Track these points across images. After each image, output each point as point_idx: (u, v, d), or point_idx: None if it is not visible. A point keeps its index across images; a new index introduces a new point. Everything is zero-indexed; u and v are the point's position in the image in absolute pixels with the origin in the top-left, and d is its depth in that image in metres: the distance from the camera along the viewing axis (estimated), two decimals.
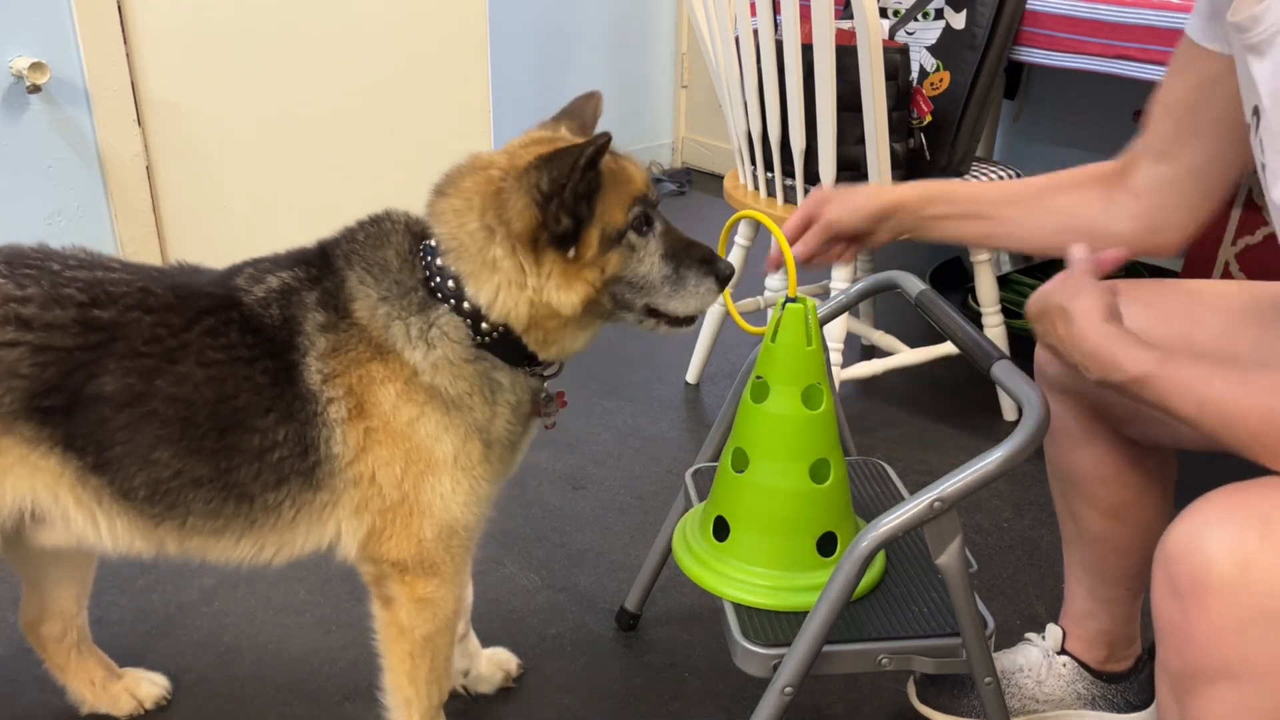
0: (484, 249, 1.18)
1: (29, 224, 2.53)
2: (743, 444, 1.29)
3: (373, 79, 2.85)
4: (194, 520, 1.24)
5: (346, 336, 1.20)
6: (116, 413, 1.17)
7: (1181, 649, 0.93)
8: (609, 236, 1.19)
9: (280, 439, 1.20)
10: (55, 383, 1.15)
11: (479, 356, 1.22)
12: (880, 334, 2.43)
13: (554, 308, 1.19)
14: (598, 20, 4.00)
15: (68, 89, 2.47)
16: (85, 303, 1.18)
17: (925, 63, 2.29)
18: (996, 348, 1.25)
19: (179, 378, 1.18)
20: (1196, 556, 0.90)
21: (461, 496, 1.26)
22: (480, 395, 1.24)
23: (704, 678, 1.68)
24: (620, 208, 1.19)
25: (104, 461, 1.18)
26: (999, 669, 1.52)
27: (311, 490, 1.23)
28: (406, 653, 1.33)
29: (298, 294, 1.22)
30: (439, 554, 1.28)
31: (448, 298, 1.20)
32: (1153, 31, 1.94)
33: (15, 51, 2.39)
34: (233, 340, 1.19)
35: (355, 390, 1.21)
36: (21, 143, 2.50)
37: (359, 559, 1.30)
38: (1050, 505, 2.09)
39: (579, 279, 1.19)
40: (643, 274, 1.21)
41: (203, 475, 1.20)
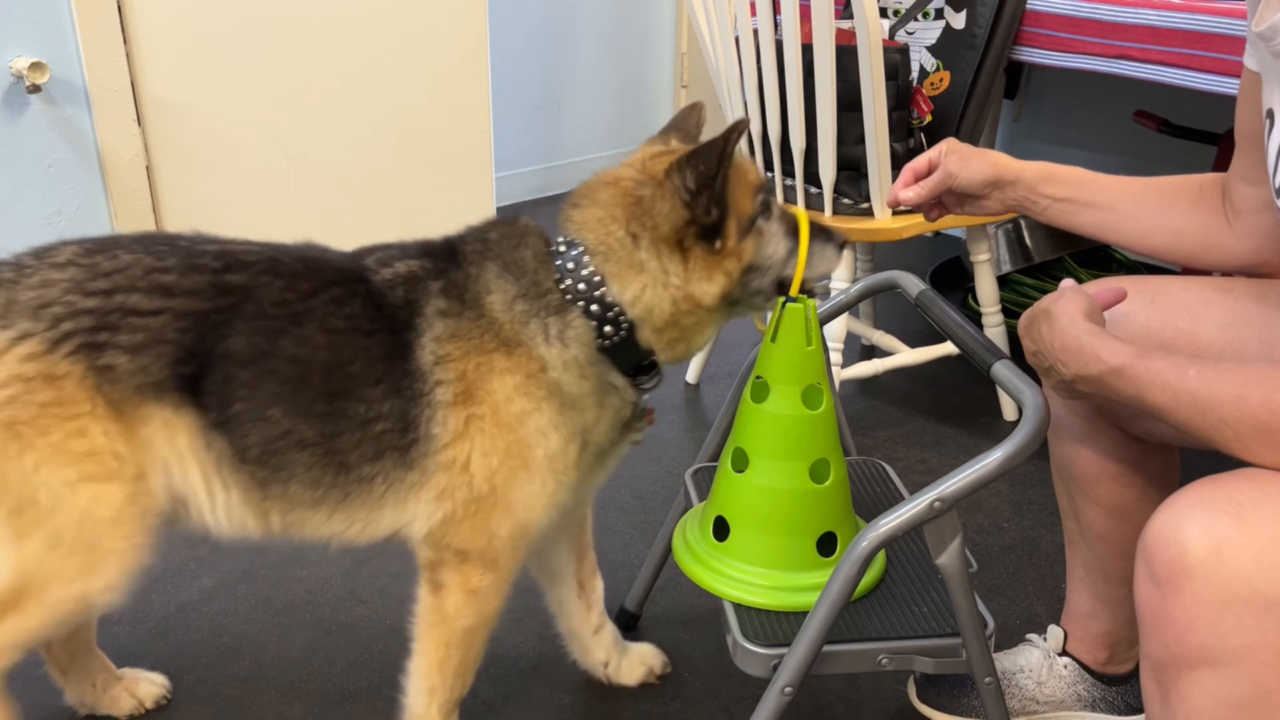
0: (632, 253, 1.24)
1: (29, 224, 2.53)
2: (743, 444, 1.29)
3: (373, 79, 2.85)
4: (295, 488, 1.27)
5: (469, 325, 1.25)
6: (241, 369, 1.22)
7: (1162, 636, 0.95)
8: (743, 225, 1.25)
9: (384, 411, 1.24)
10: (194, 346, 1.21)
11: (599, 360, 1.27)
12: (880, 334, 2.43)
13: (696, 299, 1.25)
14: (598, 20, 4.00)
15: (68, 89, 2.47)
16: (219, 269, 1.24)
17: (925, 63, 2.29)
18: (996, 348, 1.25)
19: (300, 339, 1.23)
20: (1173, 545, 0.92)
21: (545, 499, 1.30)
22: (595, 397, 1.29)
23: (704, 678, 1.69)
24: (748, 197, 1.25)
25: (226, 419, 1.23)
26: (1000, 669, 1.52)
27: (404, 468, 1.27)
28: (444, 641, 1.36)
29: (423, 281, 1.27)
30: (505, 551, 1.32)
31: (578, 300, 1.25)
32: (1153, 31, 1.94)
33: (15, 51, 2.39)
34: (355, 311, 1.25)
35: (468, 376, 1.25)
36: (21, 143, 2.50)
37: (423, 543, 1.32)
38: (1050, 505, 2.10)
39: (719, 269, 1.24)
40: (770, 254, 1.27)
41: (308, 437, 1.25)
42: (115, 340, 1.20)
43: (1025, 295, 2.80)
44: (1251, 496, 0.92)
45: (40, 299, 1.20)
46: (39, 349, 1.18)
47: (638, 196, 1.24)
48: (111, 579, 1.25)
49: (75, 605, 1.25)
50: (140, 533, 1.25)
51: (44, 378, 1.18)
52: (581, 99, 4.06)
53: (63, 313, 1.19)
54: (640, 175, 1.26)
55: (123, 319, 1.20)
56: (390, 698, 1.64)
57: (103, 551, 1.23)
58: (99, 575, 1.24)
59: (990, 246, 2.38)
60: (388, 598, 1.86)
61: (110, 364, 1.20)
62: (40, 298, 1.20)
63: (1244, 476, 0.95)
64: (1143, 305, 1.28)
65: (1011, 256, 2.86)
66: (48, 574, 1.22)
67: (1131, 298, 1.29)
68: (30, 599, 1.23)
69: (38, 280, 1.21)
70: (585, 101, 4.07)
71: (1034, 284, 2.81)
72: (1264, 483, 0.94)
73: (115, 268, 1.22)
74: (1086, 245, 2.83)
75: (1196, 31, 1.87)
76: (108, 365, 1.20)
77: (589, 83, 4.05)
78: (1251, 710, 0.91)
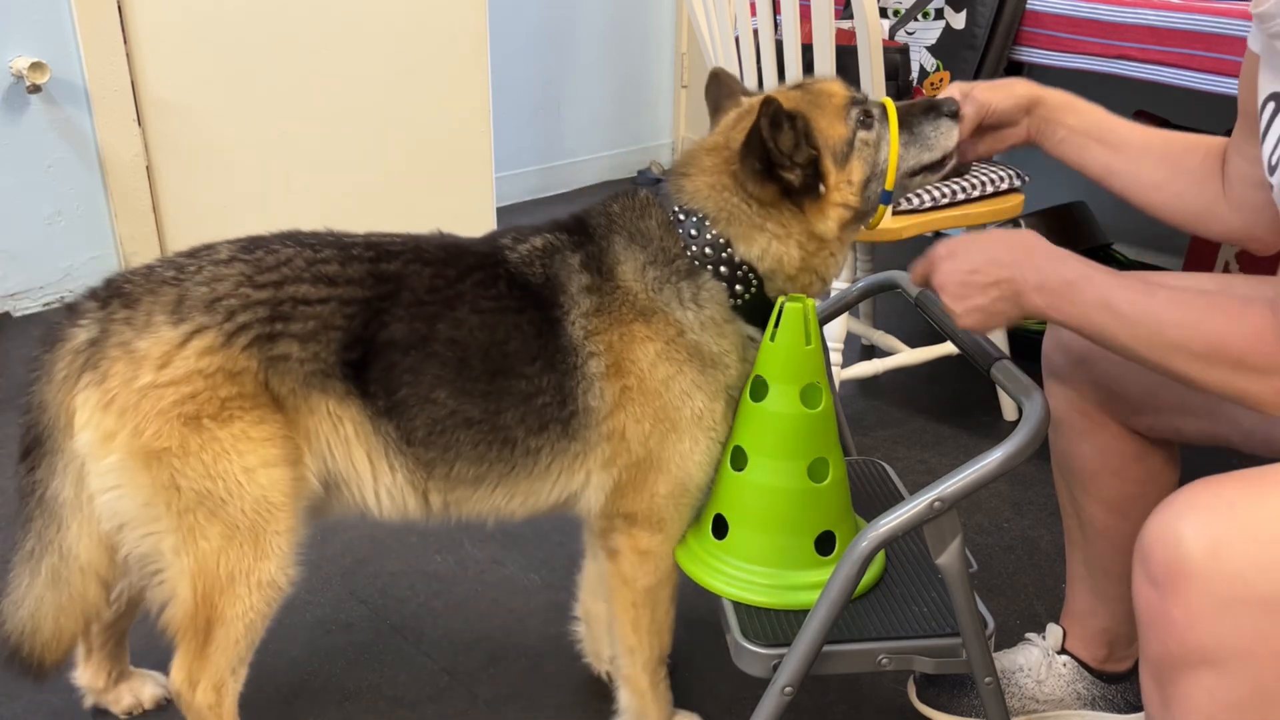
0: (749, 215, 1.28)
1: (29, 224, 2.53)
2: (742, 442, 1.29)
3: (373, 79, 2.85)
4: (460, 466, 1.32)
5: (610, 298, 1.29)
6: (403, 356, 1.26)
7: (1161, 636, 0.95)
8: (841, 152, 1.27)
9: (543, 386, 1.28)
10: (359, 333, 1.25)
11: (735, 317, 1.31)
12: (880, 334, 2.43)
13: (820, 237, 1.29)
14: (598, 20, 4.00)
15: (68, 89, 2.48)
16: (373, 258, 1.29)
17: (925, 63, 2.29)
18: (996, 348, 1.25)
19: (456, 323, 1.27)
20: (1170, 546, 0.92)
21: (699, 456, 1.33)
22: (737, 353, 1.32)
23: (704, 678, 1.69)
24: (838, 122, 1.28)
25: (393, 405, 1.27)
26: (999, 668, 1.52)
27: (567, 439, 1.31)
28: (630, 603, 1.40)
29: (560, 253, 1.31)
30: (669, 510, 1.35)
31: (707, 264, 1.28)
32: (1153, 31, 1.94)
33: (15, 51, 2.40)
34: (501, 291, 1.29)
35: (615, 347, 1.28)
36: (21, 143, 2.50)
37: (598, 514, 1.37)
38: (1050, 505, 2.09)
39: (831, 206, 1.28)
40: (884, 158, 1.29)
41: (474, 416, 1.29)
42: (289, 329, 1.23)
43: None
44: (1249, 496, 0.92)
45: (213, 293, 1.23)
46: (216, 342, 1.21)
47: (734, 171, 1.28)
48: (284, 560, 1.29)
49: (269, 592, 1.30)
50: (298, 516, 1.30)
51: (224, 372, 1.21)
52: (581, 99, 4.06)
53: (237, 305, 1.22)
54: (729, 146, 1.29)
55: (295, 308, 1.24)
56: (390, 697, 1.65)
57: (270, 534, 1.27)
58: (272, 559, 1.28)
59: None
60: (388, 598, 1.86)
61: (284, 353, 1.23)
62: (212, 292, 1.23)
63: (1240, 477, 0.95)
64: None
65: None
66: (230, 567, 1.26)
67: None
68: (224, 600, 1.28)
69: (207, 275, 1.24)
70: (585, 101, 4.07)
71: None
72: (1260, 483, 0.94)
73: (279, 260, 1.26)
74: (1085, 245, 2.83)
75: (1196, 31, 1.87)
76: (282, 355, 1.23)
77: (589, 83, 4.05)
78: (1251, 710, 0.92)
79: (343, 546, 1.98)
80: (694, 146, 1.35)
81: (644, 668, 1.45)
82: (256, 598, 1.30)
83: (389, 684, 1.67)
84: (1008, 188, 2.27)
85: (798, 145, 1.24)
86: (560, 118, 4.04)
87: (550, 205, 3.98)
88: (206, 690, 1.33)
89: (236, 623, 1.30)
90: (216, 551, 1.26)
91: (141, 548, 1.27)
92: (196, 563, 1.26)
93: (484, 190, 3.17)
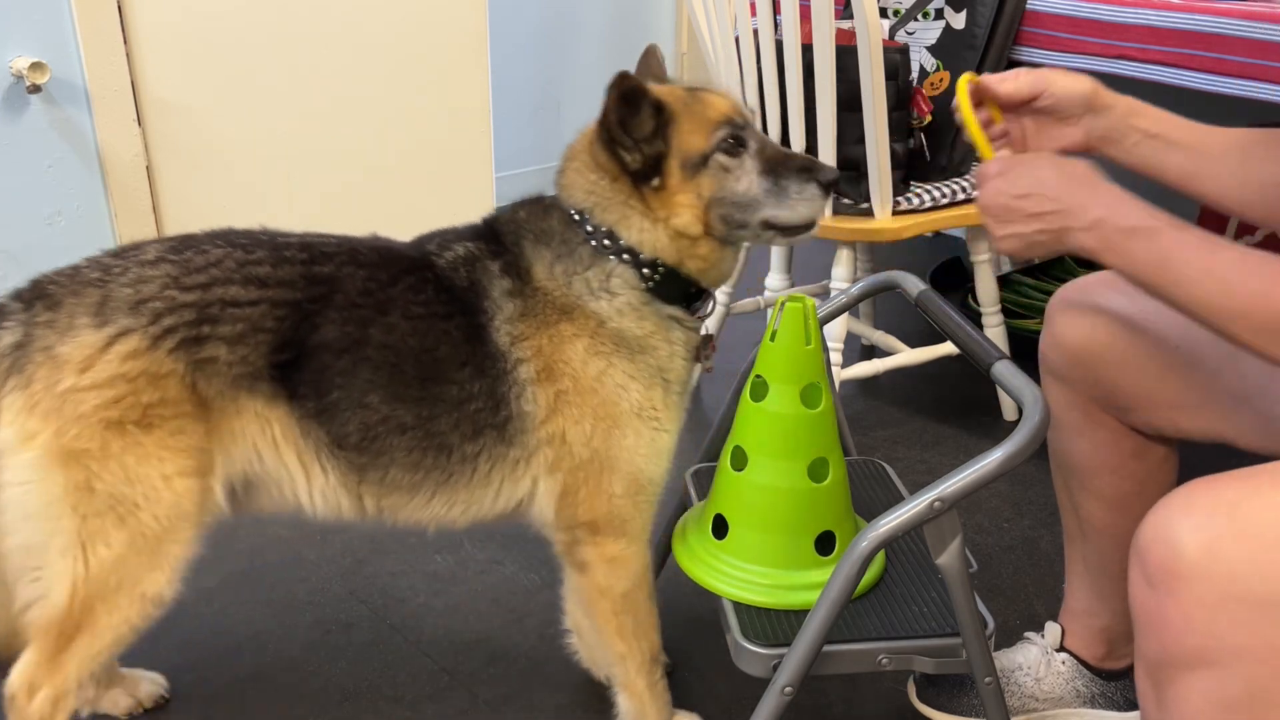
0: (615, 194, 1.29)
1: (29, 224, 2.53)
2: (741, 442, 1.29)
3: (373, 78, 2.84)
4: (395, 472, 1.31)
5: (531, 301, 1.29)
6: (336, 359, 1.26)
7: (1158, 637, 0.95)
8: (691, 162, 1.26)
9: (475, 391, 1.28)
10: (290, 335, 1.24)
11: (652, 299, 1.31)
12: (880, 334, 2.43)
13: (682, 231, 1.28)
14: (598, 20, 4.00)
15: (68, 89, 2.47)
16: (306, 259, 1.28)
17: (925, 63, 2.29)
18: (996, 348, 1.25)
19: (388, 327, 1.27)
20: (1167, 545, 0.92)
21: (645, 448, 1.33)
22: (662, 334, 1.32)
23: (704, 678, 1.68)
24: (700, 134, 1.26)
25: (324, 408, 1.27)
26: (998, 667, 1.52)
27: (505, 445, 1.31)
28: (610, 611, 1.39)
29: (481, 261, 1.32)
30: (628, 510, 1.34)
31: (608, 253, 1.29)
32: (1153, 31, 1.94)
33: (15, 51, 2.39)
34: (430, 297, 1.29)
35: (544, 351, 1.28)
36: (21, 143, 2.49)
37: (555, 525, 1.36)
38: (1050, 505, 2.09)
39: (676, 203, 1.27)
40: (741, 190, 1.27)
41: (407, 421, 1.28)
42: (217, 332, 1.22)
43: (1025, 295, 2.80)
44: (1245, 496, 0.92)
45: (138, 295, 1.21)
46: (141, 345, 1.19)
47: (592, 143, 1.29)
48: (174, 574, 1.28)
49: (149, 607, 1.28)
50: (201, 527, 1.29)
51: (147, 375, 1.19)
52: (581, 99, 4.05)
53: (162, 307, 1.21)
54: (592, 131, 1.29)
55: (223, 310, 1.22)
56: (390, 697, 1.65)
57: (171, 543, 1.26)
58: (165, 571, 1.27)
59: (990, 246, 2.38)
60: (388, 598, 1.86)
61: (212, 356, 1.22)
62: (137, 293, 1.21)
63: (1237, 476, 0.95)
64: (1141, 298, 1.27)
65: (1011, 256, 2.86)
66: (122, 576, 1.24)
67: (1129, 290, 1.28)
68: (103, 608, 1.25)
69: (133, 277, 1.22)
70: (585, 101, 4.06)
71: (1034, 284, 2.81)
72: (1257, 482, 0.94)
73: (209, 261, 1.25)
74: None
75: (1196, 31, 1.87)
76: (209, 357, 1.22)
77: (589, 83, 4.05)
78: (1247, 710, 0.91)
79: (343, 546, 1.98)
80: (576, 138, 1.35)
81: (638, 671, 1.44)
82: (135, 610, 1.27)
83: (389, 684, 1.67)
84: None
85: (653, 135, 1.25)
86: (560, 118, 4.04)
87: None
88: (44, 701, 1.27)
89: (106, 634, 1.26)
90: (115, 559, 1.23)
91: (29, 541, 1.23)
92: (88, 568, 1.22)
93: (484, 190, 3.16)
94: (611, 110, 1.23)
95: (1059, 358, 1.37)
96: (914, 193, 2.14)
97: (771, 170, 1.28)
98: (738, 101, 1.33)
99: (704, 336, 1.39)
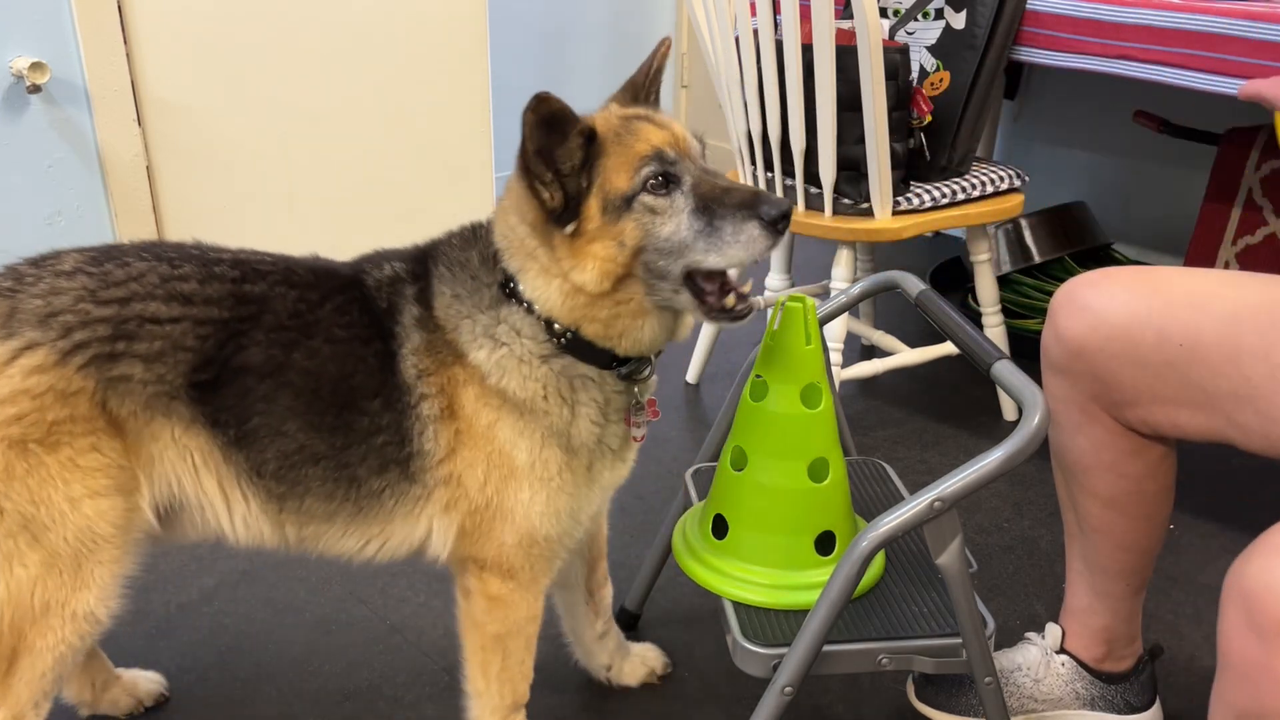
0: (524, 242, 1.17)
1: (29, 224, 2.53)
2: (742, 442, 1.29)
3: (373, 78, 2.85)
4: (310, 501, 1.26)
5: (435, 335, 1.22)
6: (259, 383, 1.20)
7: (1259, 690, 0.91)
8: (613, 204, 1.12)
9: (383, 424, 1.22)
10: (212, 355, 1.18)
11: (556, 354, 1.20)
12: (880, 334, 2.43)
13: (578, 287, 1.14)
14: (598, 20, 4.00)
15: (68, 89, 2.47)
16: (237, 278, 1.21)
17: (925, 63, 2.29)
18: (996, 348, 1.25)
19: (311, 351, 1.20)
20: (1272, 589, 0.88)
21: (539, 506, 1.25)
22: (555, 397, 1.21)
23: (704, 678, 1.68)
24: (624, 172, 1.12)
25: (244, 434, 1.21)
26: (998, 668, 1.52)
27: (407, 481, 1.25)
28: (479, 646, 1.36)
29: (401, 284, 1.25)
30: (518, 560, 1.29)
31: (516, 299, 1.20)
32: (1153, 31, 1.94)
33: (15, 51, 2.39)
34: (354, 319, 1.22)
35: (445, 390, 1.22)
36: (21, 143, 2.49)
37: (450, 559, 1.32)
38: (1050, 505, 2.09)
39: (588, 254, 1.13)
40: (668, 235, 1.12)
41: (321, 451, 1.23)
42: (133, 349, 1.16)
43: (1025, 295, 2.80)
44: None
45: (48, 307, 1.15)
46: (48, 360, 1.14)
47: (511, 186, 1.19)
48: (105, 591, 1.23)
49: (84, 625, 1.22)
50: (128, 546, 1.24)
51: (54, 392, 1.14)
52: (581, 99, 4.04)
53: (74, 321, 1.15)
54: None
55: (141, 327, 1.17)
56: (390, 697, 1.65)
57: (93, 564, 1.20)
58: (93, 589, 1.21)
59: (990, 246, 2.38)
60: (388, 598, 1.86)
61: (126, 374, 1.16)
62: (48, 306, 1.15)
63: None
64: (1145, 295, 1.28)
65: (1011, 256, 2.86)
66: (46, 596, 1.19)
67: (1133, 287, 1.28)
68: (35, 630, 1.20)
69: (44, 288, 1.16)
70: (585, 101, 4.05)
71: (1034, 284, 2.81)
72: None
73: (129, 275, 1.19)
74: (1086, 245, 2.83)
75: (1196, 31, 1.87)
76: (123, 375, 1.16)
77: (589, 82, 4.05)
78: None
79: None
80: None
81: (492, 714, 1.40)
82: (70, 630, 1.21)
83: (389, 684, 1.67)
84: (1007, 188, 2.27)
85: (580, 168, 1.11)
86: None
87: None
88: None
89: (46, 654, 1.21)
90: (33, 579, 1.18)
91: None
92: (9, 589, 1.18)
93: (484, 190, 3.16)
94: (529, 137, 1.09)
95: (1060, 351, 1.36)
96: (914, 193, 2.14)
97: (705, 210, 1.12)
98: (680, 132, 1.18)
99: (636, 403, 1.26)
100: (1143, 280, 1.29)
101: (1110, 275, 1.32)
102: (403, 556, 1.33)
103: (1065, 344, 1.35)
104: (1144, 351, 1.26)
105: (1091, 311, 1.31)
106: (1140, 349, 1.26)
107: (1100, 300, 1.30)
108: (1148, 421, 1.32)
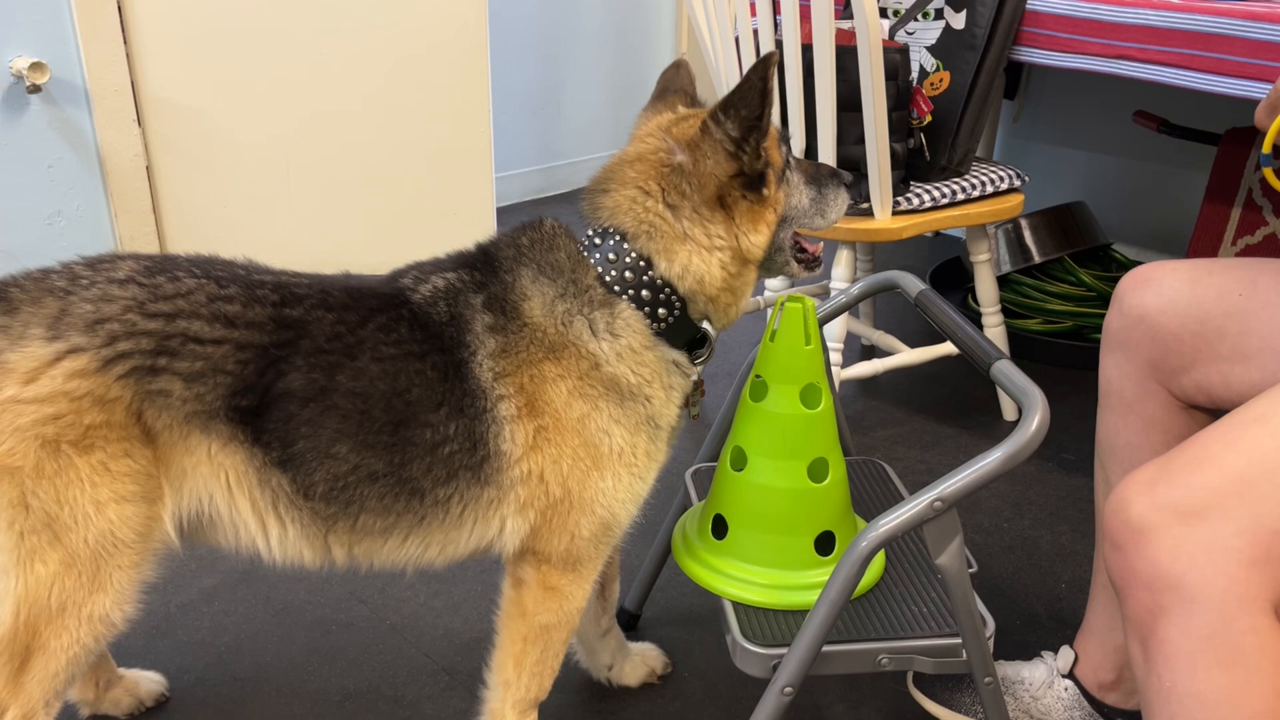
0: (673, 226, 1.24)
1: (29, 224, 2.53)
2: (741, 442, 1.29)
3: (373, 78, 2.85)
4: (365, 519, 1.26)
5: (518, 336, 1.24)
6: (301, 408, 1.20)
7: (1134, 592, 1.02)
8: (779, 174, 1.26)
9: (451, 433, 1.23)
10: (252, 380, 1.19)
11: (656, 343, 1.27)
12: (880, 334, 2.43)
13: (744, 254, 1.25)
14: (598, 20, 4.00)
15: (68, 89, 2.47)
16: (278, 301, 1.22)
17: (925, 63, 2.29)
18: (996, 348, 1.25)
19: (356, 372, 1.21)
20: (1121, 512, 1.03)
21: (622, 494, 1.29)
22: (659, 382, 1.28)
23: (704, 678, 1.69)
24: (774, 147, 1.25)
25: (288, 458, 1.21)
26: (1004, 675, 1.51)
27: (479, 486, 1.26)
28: (520, 635, 1.36)
29: (464, 294, 1.26)
30: (588, 551, 1.31)
31: (626, 289, 1.24)
32: (1153, 31, 1.94)
33: (15, 51, 2.39)
34: (403, 336, 1.23)
35: (526, 389, 1.24)
36: (21, 143, 2.49)
37: (516, 555, 1.33)
38: (1051, 505, 2.09)
39: (763, 220, 1.25)
40: (796, 204, 1.30)
41: (378, 470, 1.23)
42: (174, 366, 1.17)
43: (1025, 295, 2.80)
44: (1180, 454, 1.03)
45: (97, 313, 1.16)
46: (90, 366, 1.15)
47: (674, 165, 1.23)
48: (122, 596, 1.23)
49: (99, 627, 1.23)
50: (148, 553, 1.24)
51: (92, 397, 1.15)
52: (581, 99, 4.06)
53: (120, 331, 1.16)
54: (669, 143, 1.24)
55: (184, 345, 1.17)
56: (390, 697, 1.65)
57: (111, 569, 1.21)
58: (109, 593, 1.22)
59: (990, 246, 2.39)
60: (388, 598, 1.86)
61: (165, 389, 1.17)
62: (97, 312, 1.17)
63: (1176, 448, 1.05)
64: (1206, 266, 1.31)
65: (1011, 256, 2.86)
66: (63, 596, 1.20)
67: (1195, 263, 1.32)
68: (50, 629, 1.21)
69: (96, 294, 1.18)
70: (585, 101, 4.07)
71: (1034, 284, 2.81)
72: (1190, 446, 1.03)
73: (178, 291, 1.20)
74: (1086, 245, 2.83)
75: (1196, 31, 1.87)
76: (161, 390, 1.17)
77: (589, 83, 4.05)
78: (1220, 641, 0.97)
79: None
80: (613, 160, 1.29)
81: (514, 707, 1.40)
82: (84, 631, 1.22)
83: (389, 684, 1.68)
84: (1007, 188, 2.27)
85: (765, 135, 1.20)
86: (560, 118, 4.04)
87: (550, 205, 3.98)
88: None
89: (60, 655, 1.22)
90: (52, 578, 1.19)
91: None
92: (27, 587, 1.19)
93: (484, 190, 3.16)
94: (767, 94, 1.15)
95: (1121, 324, 1.37)
96: (914, 193, 2.14)
97: (811, 180, 1.29)
98: None
99: (694, 383, 1.35)
100: (1203, 261, 1.34)
101: (1172, 262, 1.37)
102: (463, 558, 1.34)
103: (1127, 314, 1.36)
104: (1206, 307, 1.29)
105: (1156, 281, 1.34)
106: (1203, 305, 1.29)
107: (1162, 272, 1.34)
108: (1201, 385, 1.31)
